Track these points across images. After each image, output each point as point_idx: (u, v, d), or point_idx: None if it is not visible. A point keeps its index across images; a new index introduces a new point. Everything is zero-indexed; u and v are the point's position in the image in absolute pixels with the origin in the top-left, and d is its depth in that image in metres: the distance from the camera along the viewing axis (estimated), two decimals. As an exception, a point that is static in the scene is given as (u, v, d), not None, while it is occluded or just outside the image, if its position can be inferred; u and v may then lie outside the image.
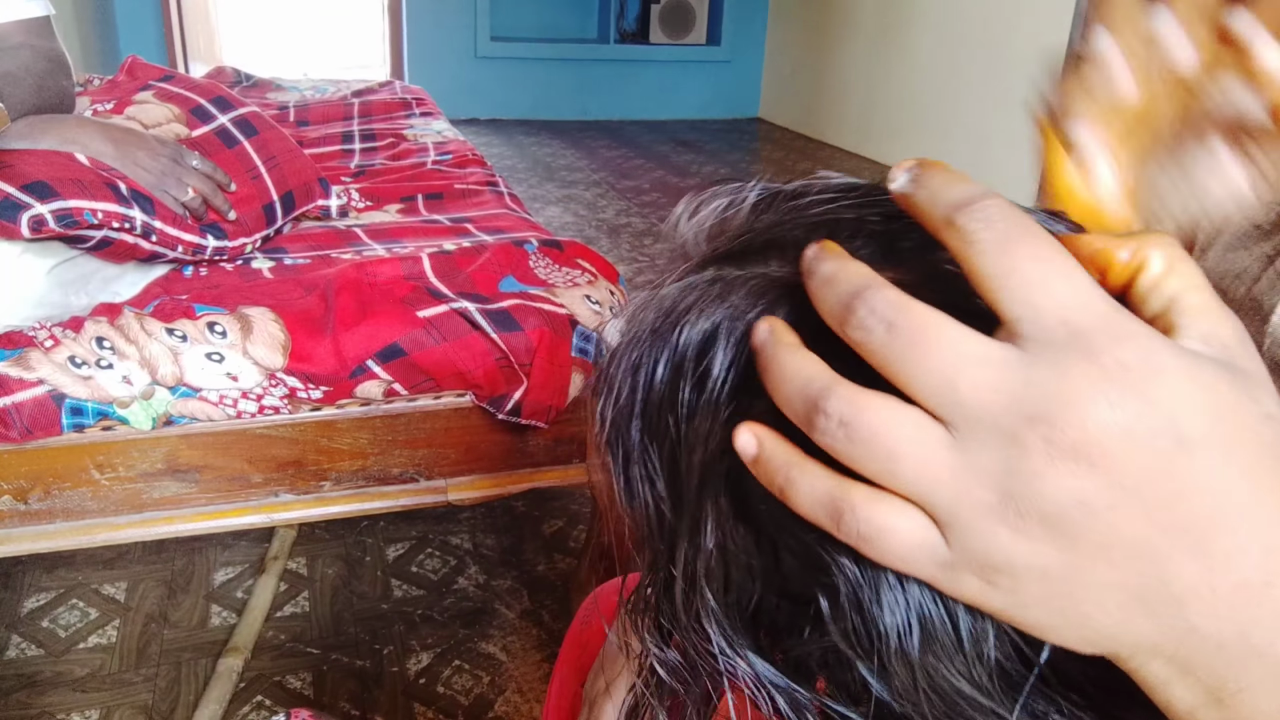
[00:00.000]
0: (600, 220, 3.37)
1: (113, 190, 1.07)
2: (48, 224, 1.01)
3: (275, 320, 1.08)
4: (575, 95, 5.24)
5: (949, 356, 0.21)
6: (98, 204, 1.05)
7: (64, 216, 1.02)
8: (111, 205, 1.06)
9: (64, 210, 1.02)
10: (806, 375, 0.23)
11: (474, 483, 1.21)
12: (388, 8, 4.96)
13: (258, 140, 1.33)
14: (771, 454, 0.24)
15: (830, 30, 4.83)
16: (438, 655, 1.28)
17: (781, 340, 0.24)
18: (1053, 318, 0.21)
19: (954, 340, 0.21)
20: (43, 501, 1.06)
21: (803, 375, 0.23)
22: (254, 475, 1.12)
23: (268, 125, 1.38)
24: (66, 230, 1.03)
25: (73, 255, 1.11)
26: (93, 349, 1.03)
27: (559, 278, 1.23)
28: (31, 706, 1.16)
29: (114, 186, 1.08)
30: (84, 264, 1.13)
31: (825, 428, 0.23)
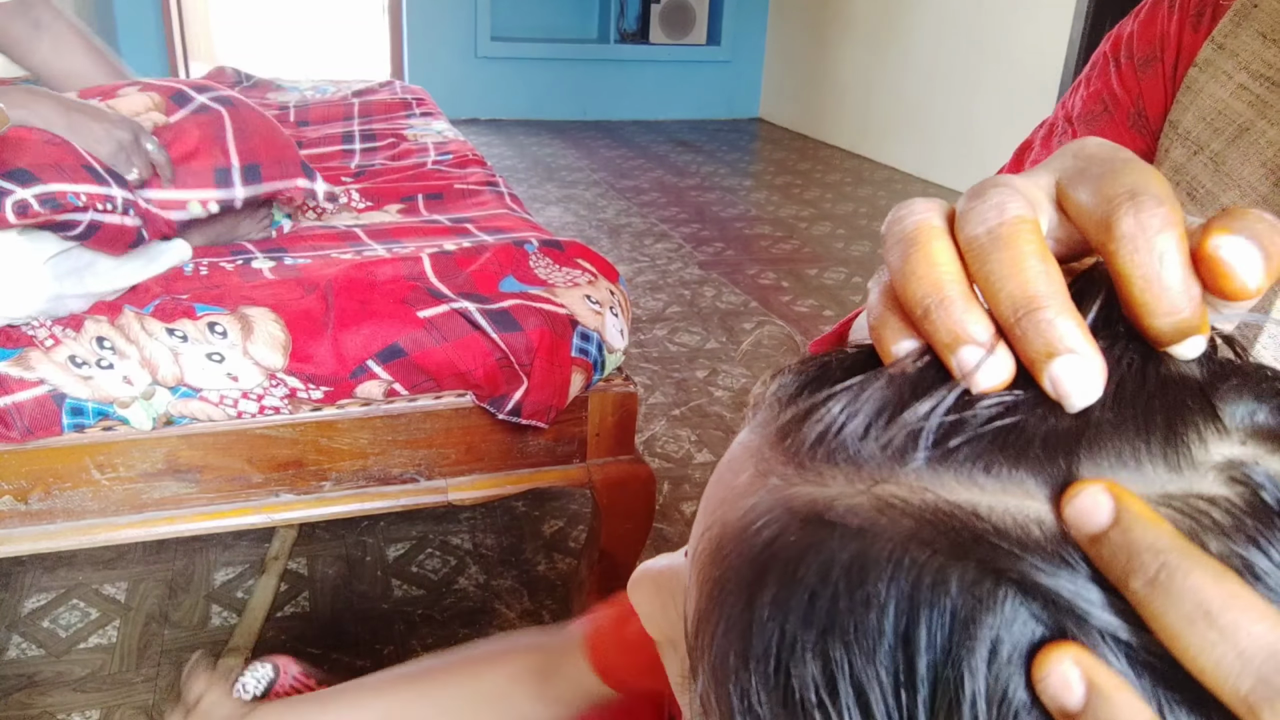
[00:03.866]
0: (600, 220, 3.38)
1: (90, 172, 1.07)
2: (32, 208, 1.01)
3: (276, 320, 1.08)
4: (575, 95, 5.24)
5: None
6: (79, 186, 1.05)
7: (48, 200, 1.02)
8: (92, 187, 1.06)
9: (47, 194, 1.02)
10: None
11: (474, 483, 1.21)
12: (388, 8, 4.96)
13: (234, 112, 1.30)
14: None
15: (830, 30, 4.84)
16: (438, 655, 1.28)
17: None
18: None
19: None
20: (43, 502, 1.06)
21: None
22: (254, 475, 1.12)
23: (250, 107, 1.35)
24: (54, 214, 1.03)
25: (68, 247, 1.10)
26: (93, 349, 1.03)
27: (559, 278, 1.23)
28: (32, 706, 1.16)
29: (90, 168, 1.08)
30: (79, 255, 1.12)
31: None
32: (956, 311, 0.21)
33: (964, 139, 3.93)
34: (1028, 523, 0.19)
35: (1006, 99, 3.66)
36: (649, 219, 3.41)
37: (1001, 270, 0.20)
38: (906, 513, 0.20)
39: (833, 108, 4.85)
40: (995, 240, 0.20)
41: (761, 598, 0.21)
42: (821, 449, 0.22)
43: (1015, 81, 3.62)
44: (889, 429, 0.21)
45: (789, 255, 3.08)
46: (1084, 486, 0.18)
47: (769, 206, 3.69)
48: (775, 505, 0.22)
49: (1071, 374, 0.19)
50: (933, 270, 0.21)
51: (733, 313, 2.55)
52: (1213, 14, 0.47)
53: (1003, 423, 0.20)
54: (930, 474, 0.20)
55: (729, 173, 4.22)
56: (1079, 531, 0.18)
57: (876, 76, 4.49)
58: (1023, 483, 0.20)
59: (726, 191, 3.89)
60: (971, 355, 0.20)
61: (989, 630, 0.18)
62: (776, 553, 0.21)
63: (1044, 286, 0.20)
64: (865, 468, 0.21)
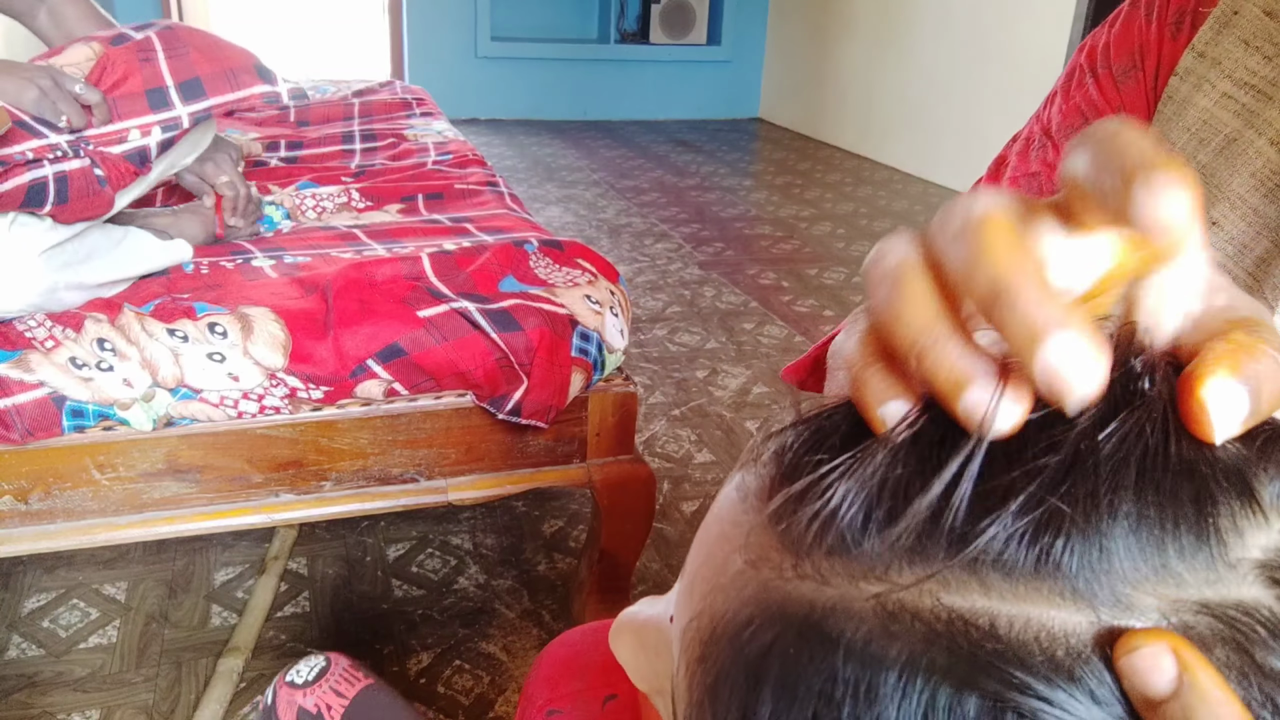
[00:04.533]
0: (600, 220, 3.38)
1: (22, 127, 1.05)
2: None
3: (275, 320, 1.08)
4: (575, 95, 5.24)
5: None
6: (19, 145, 1.03)
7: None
8: (31, 141, 1.04)
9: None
10: None
11: (474, 483, 1.21)
12: (388, 8, 4.96)
13: (164, 33, 1.24)
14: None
15: (830, 30, 4.84)
16: (438, 655, 1.28)
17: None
18: None
19: None
20: (43, 502, 1.06)
21: None
22: (254, 475, 1.12)
23: (187, 27, 1.30)
24: (6, 175, 1.01)
25: (61, 240, 1.10)
26: (93, 350, 1.03)
27: (559, 277, 1.23)
28: (32, 707, 1.16)
29: (21, 123, 1.05)
30: (74, 248, 1.12)
31: None
32: (952, 351, 0.19)
33: (964, 139, 3.93)
34: (1053, 642, 0.17)
35: (1007, 99, 3.66)
36: (649, 219, 3.41)
37: (971, 264, 0.18)
38: (915, 626, 0.18)
39: (833, 108, 4.85)
40: (964, 236, 0.19)
41: (758, 713, 0.20)
42: (819, 540, 0.20)
43: (1016, 81, 3.62)
44: (892, 522, 0.19)
45: (789, 255, 3.08)
46: (1145, 642, 0.16)
47: (769, 206, 3.69)
48: (770, 606, 0.20)
49: (1064, 357, 0.17)
50: (918, 308, 0.19)
51: (733, 313, 2.55)
52: (1192, 21, 0.46)
53: (1020, 515, 0.18)
54: (942, 576, 0.18)
55: (729, 173, 4.22)
56: (1133, 690, 0.16)
57: (877, 76, 4.49)
58: (1047, 589, 0.18)
59: (727, 191, 3.89)
60: (978, 397, 0.18)
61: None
62: (773, 664, 0.20)
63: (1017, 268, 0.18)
64: (868, 566, 0.19)
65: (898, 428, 0.20)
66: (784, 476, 0.21)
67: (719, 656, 0.21)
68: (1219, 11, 0.45)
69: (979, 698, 0.17)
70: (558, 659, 0.61)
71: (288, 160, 1.82)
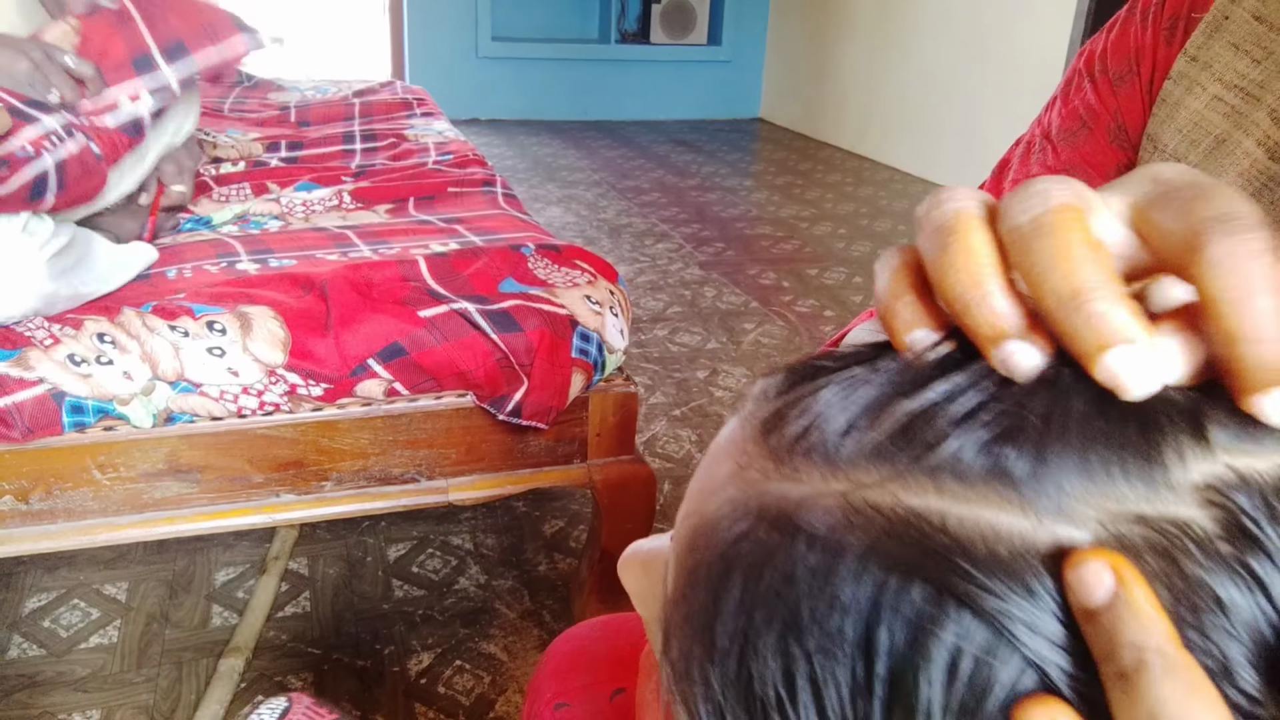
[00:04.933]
0: (601, 220, 3.38)
1: (16, 115, 1.03)
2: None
3: (275, 318, 1.08)
4: (576, 95, 5.24)
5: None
6: (19, 139, 1.02)
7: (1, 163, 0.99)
8: (28, 130, 1.03)
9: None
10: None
11: (475, 483, 1.21)
12: (388, 8, 4.96)
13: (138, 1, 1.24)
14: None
15: (831, 30, 4.84)
16: (439, 655, 1.28)
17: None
18: None
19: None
20: (44, 502, 1.06)
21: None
22: (255, 475, 1.12)
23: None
24: (12, 172, 1.01)
25: (64, 244, 1.10)
26: (93, 345, 1.03)
27: (559, 278, 1.23)
28: (33, 707, 1.16)
29: (16, 111, 1.04)
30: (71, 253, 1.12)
31: None
32: (1000, 305, 0.20)
33: (965, 139, 3.93)
34: (997, 541, 0.19)
35: (1007, 99, 3.66)
36: (649, 219, 3.41)
37: (1045, 260, 0.19)
38: (875, 519, 0.20)
39: (833, 108, 4.84)
40: (1038, 229, 0.20)
41: (728, 594, 0.21)
42: (800, 445, 0.22)
43: (1016, 82, 3.62)
44: (869, 427, 0.21)
45: (790, 255, 3.08)
46: (1089, 558, 0.18)
47: (769, 206, 3.69)
48: (748, 501, 0.22)
49: (1128, 365, 0.19)
50: (973, 261, 0.20)
51: (733, 313, 2.55)
52: (1185, 27, 0.47)
53: (980, 427, 0.20)
54: (903, 478, 0.20)
55: (729, 173, 4.22)
56: (1074, 599, 0.18)
57: (877, 77, 4.49)
58: (996, 494, 0.19)
59: (727, 191, 3.89)
60: (1016, 350, 0.20)
61: (947, 643, 0.19)
62: (744, 551, 0.21)
63: (1092, 276, 0.19)
64: (840, 467, 0.21)
65: (917, 350, 0.21)
66: (779, 393, 0.23)
67: (700, 548, 0.23)
68: (1210, 17, 0.46)
69: (924, 583, 0.19)
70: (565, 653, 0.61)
71: (288, 160, 1.82)
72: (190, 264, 1.25)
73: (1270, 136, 0.42)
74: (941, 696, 0.19)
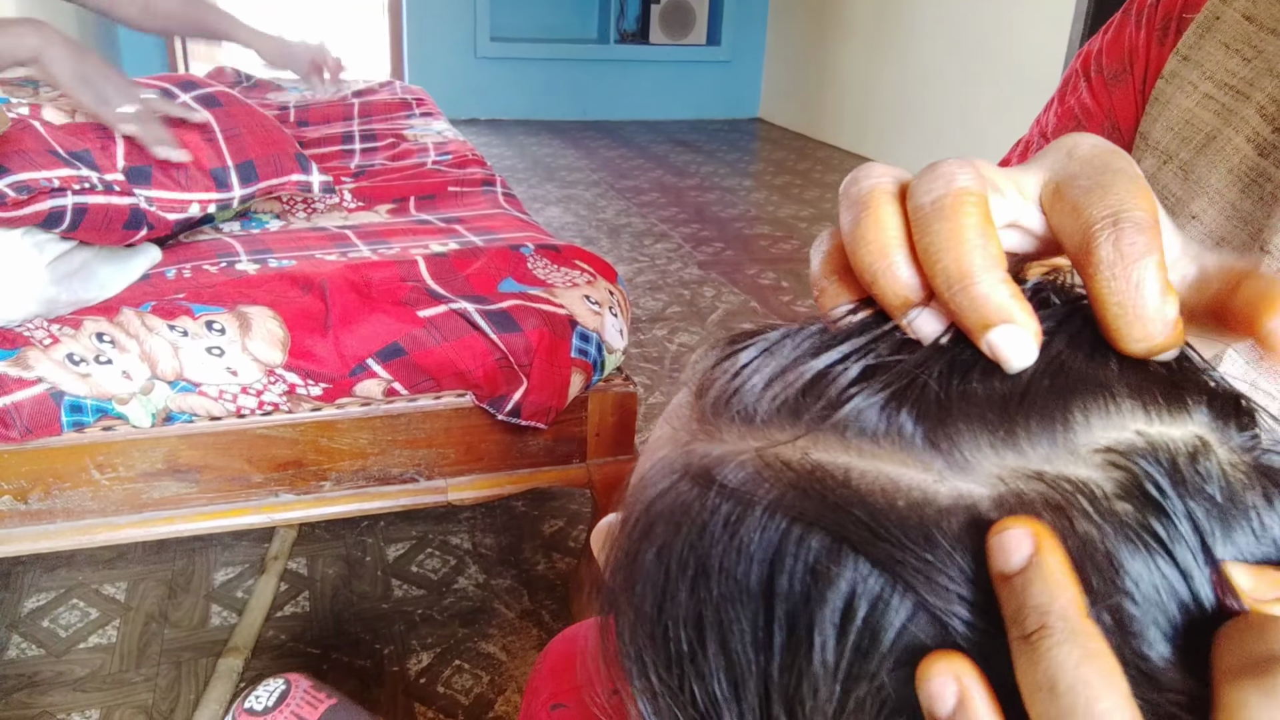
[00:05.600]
0: (600, 220, 3.38)
1: (54, 155, 1.07)
2: (9, 197, 1.01)
3: (274, 318, 1.08)
4: (575, 95, 5.24)
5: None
6: (49, 171, 1.05)
7: (22, 187, 1.01)
8: (61, 170, 1.06)
9: (19, 183, 1.01)
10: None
11: (474, 483, 1.21)
12: (388, 8, 4.96)
13: (221, 112, 1.31)
14: None
15: (830, 31, 4.84)
16: (438, 655, 1.28)
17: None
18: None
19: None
20: (43, 502, 1.06)
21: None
22: (254, 475, 1.12)
23: (236, 101, 1.36)
24: (30, 200, 1.03)
25: (66, 250, 1.10)
26: (92, 344, 1.03)
27: (558, 278, 1.23)
28: (32, 706, 1.16)
29: (54, 152, 1.07)
30: (72, 259, 1.12)
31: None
32: (904, 274, 0.21)
33: (964, 139, 3.93)
34: (897, 494, 0.20)
35: (1006, 99, 3.66)
36: (649, 219, 3.41)
37: (939, 242, 0.20)
38: (784, 473, 0.21)
39: (832, 108, 4.85)
40: (938, 211, 0.21)
41: (649, 546, 0.22)
42: (722, 406, 0.23)
43: (1015, 82, 3.62)
44: (783, 388, 0.22)
45: (789, 255, 3.08)
46: (1013, 524, 0.18)
47: (769, 206, 3.69)
48: (675, 460, 0.23)
49: (1007, 342, 0.20)
50: (882, 234, 0.22)
51: (733, 313, 2.55)
52: (1177, 27, 0.48)
53: (884, 387, 0.21)
54: (811, 434, 0.21)
55: (729, 173, 4.22)
56: (992, 563, 0.18)
57: (876, 77, 4.50)
58: (897, 450, 0.20)
59: (726, 191, 3.89)
60: (918, 316, 0.21)
61: (841, 590, 0.19)
62: (665, 505, 0.23)
63: (979, 260, 0.20)
64: (757, 425, 0.22)
65: (834, 319, 0.23)
66: (715, 363, 0.24)
67: (629, 504, 0.24)
68: (1202, 17, 0.47)
69: (824, 532, 0.20)
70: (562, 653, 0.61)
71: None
72: (190, 264, 1.25)
73: (1259, 133, 0.43)
74: (835, 640, 0.19)
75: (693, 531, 0.21)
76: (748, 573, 0.20)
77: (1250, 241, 0.43)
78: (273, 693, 0.65)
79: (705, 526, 0.21)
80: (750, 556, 0.20)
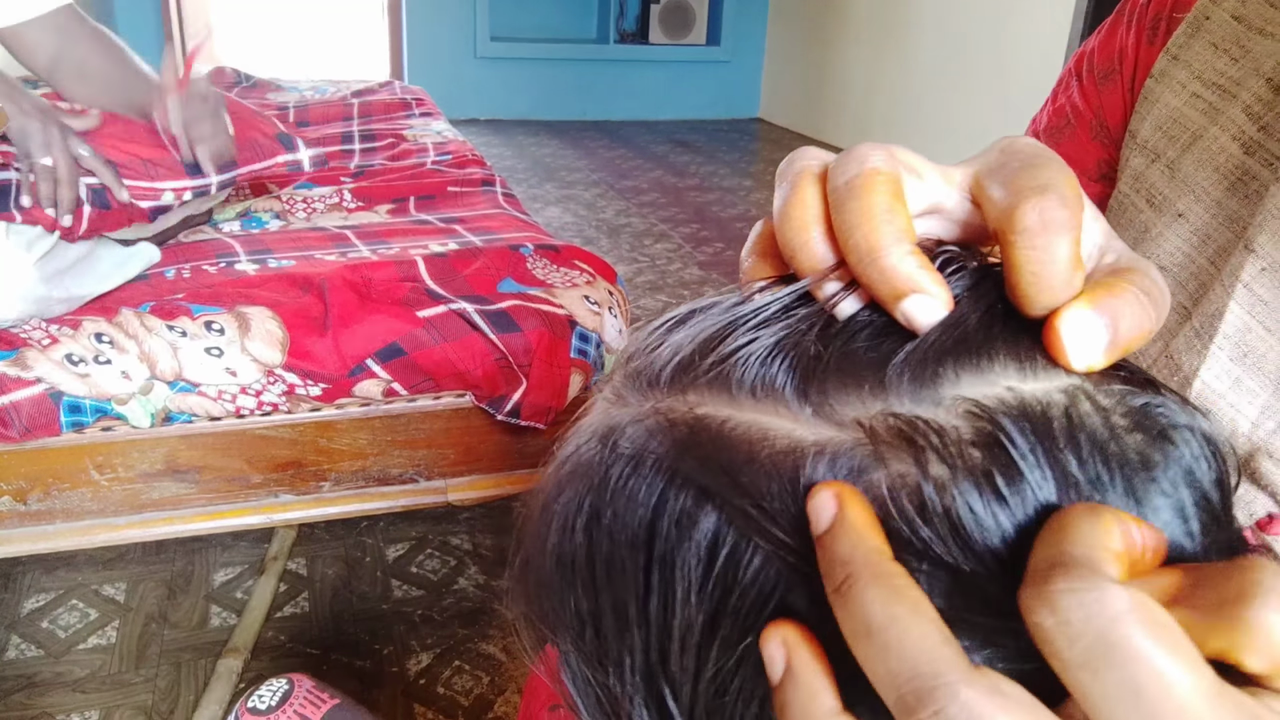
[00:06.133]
0: (600, 220, 3.38)
1: None
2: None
3: (273, 318, 1.08)
4: (575, 95, 5.24)
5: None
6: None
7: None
8: None
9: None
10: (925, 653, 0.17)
11: (473, 483, 1.21)
12: (388, 8, 4.96)
13: None
14: (805, 683, 0.18)
15: (830, 30, 4.84)
16: (438, 655, 1.28)
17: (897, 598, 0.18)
18: None
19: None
20: (42, 502, 1.06)
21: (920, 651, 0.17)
22: (253, 476, 1.12)
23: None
24: None
25: (53, 246, 1.10)
26: (91, 344, 1.03)
27: (558, 278, 1.23)
28: (31, 707, 1.16)
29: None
30: (62, 255, 1.12)
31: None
32: (819, 249, 0.22)
33: (964, 139, 3.93)
34: (764, 441, 0.21)
35: (1006, 99, 3.66)
36: (648, 219, 3.41)
37: (851, 219, 0.21)
38: (672, 429, 0.22)
39: (833, 108, 4.85)
40: (850, 190, 0.22)
41: (555, 496, 0.25)
42: (635, 373, 0.24)
43: (1014, 82, 3.62)
44: (687, 348, 0.23)
45: (789, 255, 3.07)
46: (821, 489, 0.19)
47: (768, 207, 3.67)
48: (590, 425, 0.25)
49: (918, 311, 0.21)
50: (804, 212, 0.23)
51: (732, 313, 2.55)
52: (1167, 27, 0.49)
53: (766, 346, 0.22)
54: (699, 389, 0.22)
55: (729, 173, 4.22)
56: (813, 531, 0.19)
57: (876, 77, 4.50)
58: (770, 400, 0.21)
59: (726, 192, 3.89)
60: (831, 290, 0.22)
61: (702, 538, 0.21)
62: (575, 463, 0.24)
63: (888, 233, 0.21)
64: (659, 388, 0.23)
65: (749, 291, 0.24)
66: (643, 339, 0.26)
67: (548, 466, 0.26)
68: (1192, 17, 0.47)
69: (692, 484, 0.21)
70: None
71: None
72: (189, 264, 1.25)
73: (1245, 131, 0.43)
74: (698, 583, 0.21)
75: (592, 485, 0.23)
76: (634, 519, 0.22)
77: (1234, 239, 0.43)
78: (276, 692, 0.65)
79: (604, 479, 0.23)
80: (638, 504, 0.22)
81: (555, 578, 0.24)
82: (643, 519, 0.22)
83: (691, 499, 0.21)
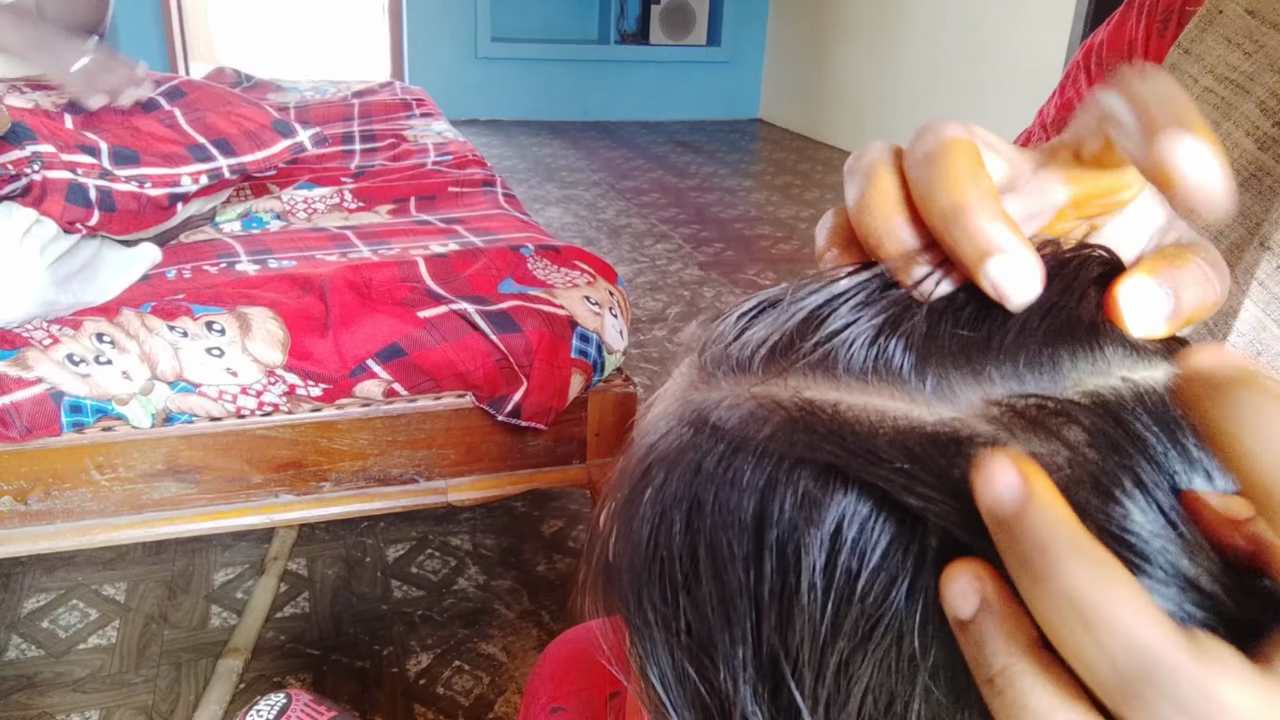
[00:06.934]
0: (600, 221, 3.38)
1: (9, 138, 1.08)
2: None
3: (274, 318, 1.08)
4: (575, 96, 5.24)
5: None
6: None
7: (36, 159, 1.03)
8: (11, 154, 1.07)
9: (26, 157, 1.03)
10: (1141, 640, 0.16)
11: (474, 483, 1.21)
12: (388, 8, 4.96)
13: (185, 101, 1.32)
14: (999, 627, 0.17)
15: (830, 31, 4.84)
16: (438, 656, 1.28)
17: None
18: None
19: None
20: (43, 502, 1.06)
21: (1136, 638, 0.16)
22: (254, 476, 1.12)
23: (200, 87, 1.38)
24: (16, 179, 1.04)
25: (65, 251, 1.10)
26: (92, 344, 1.03)
27: (558, 279, 1.23)
28: (31, 707, 1.16)
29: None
30: (73, 259, 1.12)
31: None
32: (904, 234, 0.22)
33: (964, 139, 3.93)
34: (882, 421, 0.20)
35: (1006, 99, 3.66)
36: (649, 219, 3.41)
37: (932, 184, 0.21)
38: (777, 413, 0.21)
39: (832, 108, 4.85)
40: (929, 159, 0.21)
41: (647, 488, 0.23)
42: (722, 357, 0.23)
43: (1015, 82, 3.62)
44: (778, 331, 0.22)
45: (789, 256, 3.08)
46: (996, 459, 0.17)
47: (769, 207, 3.69)
48: (674, 411, 0.24)
49: (1005, 272, 0.20)
50: (884, 200, 0.22)
51: (733, 313, 2.55)
52: (1178, 20, 0.49)
53: (870, 326, 0.21)
54: (801, 373, 0.22)
55: (729, 173, 4.22)
56: (984, 507, 0.17)
57: (876, 77, 4.50)
58: (884, 384, 0.21)
59: (726, 192, 3.89)
60: (920, 273, 0.21)
61: (830, 516, 0.20)
62: (662, 448, 0.23)
63: (971, 193, 0.20)
64: (754, 372, 0.22)
65: (831, 276, 0.23)
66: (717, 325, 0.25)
67: (630, 455, 0.25)
68: (1204, 10, 0.47)
69: (813, 462, 0.20)
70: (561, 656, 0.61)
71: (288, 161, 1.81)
72: (190, 264, 1.25)
73: (1259, 127, 0.43)
74: (824, 564, 0.20)
75: (688, 470, 0.22)
76: (741, 504, 0.21)
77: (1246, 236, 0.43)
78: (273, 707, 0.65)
79: (700, 465, 0.22)
80: (743, 489, 0.21)
81: (648, 570, 0.23)
82: (753, 503, 0.21)
83: (813, 480, 0.20)
